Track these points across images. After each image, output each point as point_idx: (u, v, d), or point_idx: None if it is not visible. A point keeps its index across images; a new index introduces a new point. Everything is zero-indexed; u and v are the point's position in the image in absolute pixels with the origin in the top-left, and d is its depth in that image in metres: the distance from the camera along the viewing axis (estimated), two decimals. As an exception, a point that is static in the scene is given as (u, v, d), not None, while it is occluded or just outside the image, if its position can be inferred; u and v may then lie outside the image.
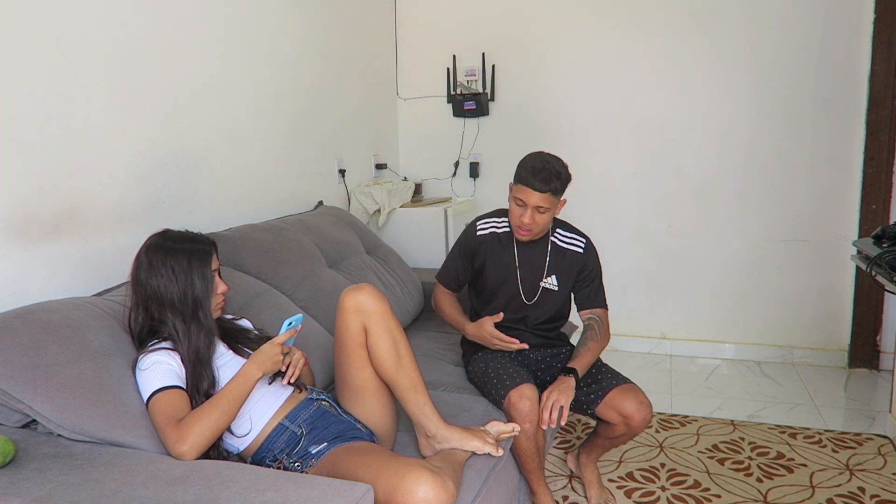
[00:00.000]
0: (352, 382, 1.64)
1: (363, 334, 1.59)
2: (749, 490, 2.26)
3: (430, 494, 1.27)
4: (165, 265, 1.49)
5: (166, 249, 1.51)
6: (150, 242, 1.54)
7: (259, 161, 2.65)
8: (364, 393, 1.63)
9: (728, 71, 3.36)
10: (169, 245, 1.52)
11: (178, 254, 1.51)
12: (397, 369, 1.60)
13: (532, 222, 1.98)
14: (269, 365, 1.49)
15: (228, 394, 1.43)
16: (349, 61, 3.34)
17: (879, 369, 3.32)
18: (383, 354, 1.59)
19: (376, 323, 1.59)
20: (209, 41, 2.33)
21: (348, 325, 1.59)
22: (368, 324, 1.59)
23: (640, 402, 1.95)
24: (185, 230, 1.60)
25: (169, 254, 1.51)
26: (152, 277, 1.50)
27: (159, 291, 1.49)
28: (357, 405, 1.64)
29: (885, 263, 2.00)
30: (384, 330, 1.59)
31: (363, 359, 1.61)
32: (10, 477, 1.23)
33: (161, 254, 1.51)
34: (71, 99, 1.78)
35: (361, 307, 1.58)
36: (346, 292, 1.61)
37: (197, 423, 1.35)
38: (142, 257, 1.52)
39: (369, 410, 1.64)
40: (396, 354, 1.60)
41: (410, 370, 1.62)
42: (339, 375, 1.67)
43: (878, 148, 3.17)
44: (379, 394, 1.64)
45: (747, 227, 3.46)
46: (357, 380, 1.63)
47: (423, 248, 3.29)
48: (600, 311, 2.13)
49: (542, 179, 1.92)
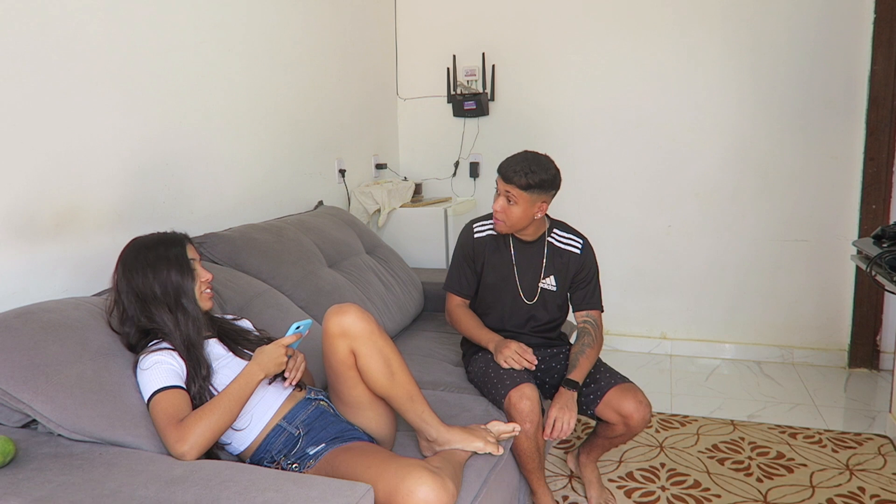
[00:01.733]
0: (346, 399, 1.62)
1: (352, 357, 1.55)
2: (749, 490, 2.26)
3: (430, 495, 1.27)
4: (140, 264, 1.51)
5: (137, 251, 1.54)
6: (123, 252, 1.56)
7: (259, 161, 2.65)
8: (360, 408, 1.62)
9: (728, 71, 3.36)
10: (140, 247, 1.55)
11: (149, 251, 1.53)
12: (392, 385, 1.57)
13: (502, 210, 1.98)
14: (272, 367, 1.49)
15: (230, 394, 1.43)
16: (349, 61, 3.34)
17: (879, 369, 3.32)
18: (375, 375, 1.56)
19: (364, 345, 1.54)
20: (209, 41, 2.33)
21: (335, 350, 1.55)
22: (356, 346, 1.54)
23: (639, 402, 1.95)
24: (154, 232, 1.61)
25: (141, 253, 1.53)
26: (132, 280, 1.51)
27: (141, 290, 1.50)
28: (353, 418, 1.63)
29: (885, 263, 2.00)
30: (373, 351, 1.55)
31: (354, 378, 1.58)
32: (10, 477, 1.23)
33: (134, 256, 1.53)
34: (71, 99, 1.78)
35: (347, 331, 1.53)
36: (330, 316, 1.56)
37: (198, 423, 1.35)
38: (118, 267, 1.54)
39: (367, 422, 1.62)
40: (389, 372, 1.56)
41: (405, 383, 1.59)
42: (333, 392, 1.65)
43: (878, 148, 3.17)
44: (374, 406, 1.62)
45: (747, 226, 3.46)
46: (351, 397, 1.61)
47: (423, 248, 3.29)
48: (595, 314, 2.13)
49: (512, 169, 1.94)
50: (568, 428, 1.87)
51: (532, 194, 1.95)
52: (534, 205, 1.98)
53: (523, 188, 1.93)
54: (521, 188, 1.93)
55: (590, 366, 2.02)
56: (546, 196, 1.99)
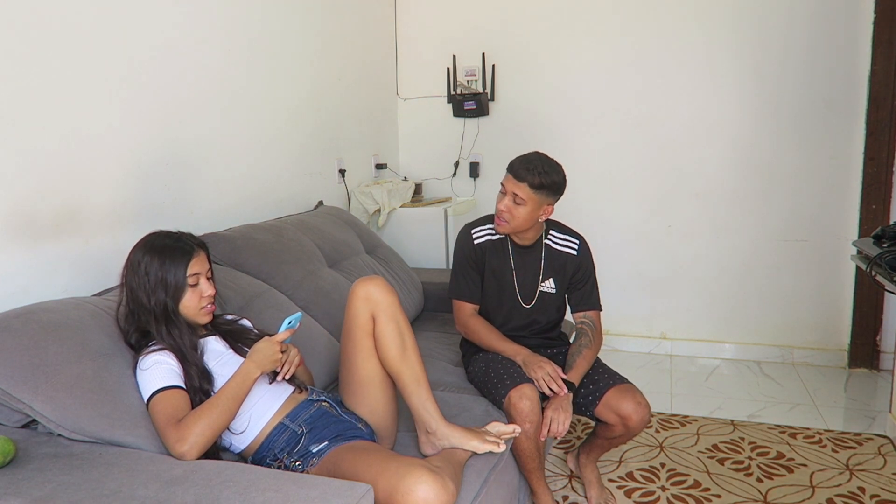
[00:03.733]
0: (357, 374, 1.65)
1: (371, 323, 1.63)
2: (749, 490, 2.26)
3: (429, 494, 1.27)
4: (142, 266, 1.50)
5: (147, 249, 1.52)
6: (138, 242, 1.55)
7: (259, 161, 2.65)
8: (369, 386, 1.65)
9: (728, 71, 3.36)
10: (150, 245, 1.53)
11: (154, 254, 1.51)
12: (402, 360, 1.62)
13: (507, 210, 1.98)
14: (267, 363, 1.50)
15: (227, 393, 1.43)
16: (349, 61, 3.34)
17: (879, 369, 3.32)
18: (389, 344, 1.62)
19: (384, 312, 1.62)
20: (209, 42, 2.33)
21: (357, 313, 1.63)
22: (376, 313, 1.62)
23: (638, 403, 1.94)
24: (177, 231, 1.59)
25: (147, 254, 1.51)
26: (132, 278, 1.51)
27: (136, 293, 1.50)
28: (360, 398, 1.65)
29: (885, 263, 2.00)
30: (391, 320, 1.62)
31: (370, 349, 1.64)
32: (10, 477, 1.23)
33: (141, 254, 1.52)
34: (71, 99, 1.78)
35: (371, 296, 1.62)
36: (358, 282, 1.66)
37: (196, 422, 1.36)
38: (129, 256, 1.53)
39: (372, 404, 1.65)
40: (402, 345, 1.63)
41: (415, 363, 1.64)
42: (345, 366, 1.69)
43: (878, 148, 3.17)
44: (383, 387, 1.66)
45: (747, 226, 3.46)
46: (362, 370, 1.64)
47: (423, 248, 3.29)
48: (593, 315, 2.13)
49: (525, 168, 1.94)
50: (563, 429, 1.86)
51: (540, 195, 1.95)
52: (540, 206, 1.98)
53: (534, 188, 1.93)
54: (533, 187, 1.93)
55: (587, 366, 2.02)
56: (552, 199, 1.99)
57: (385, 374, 1.66)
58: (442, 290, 2.78)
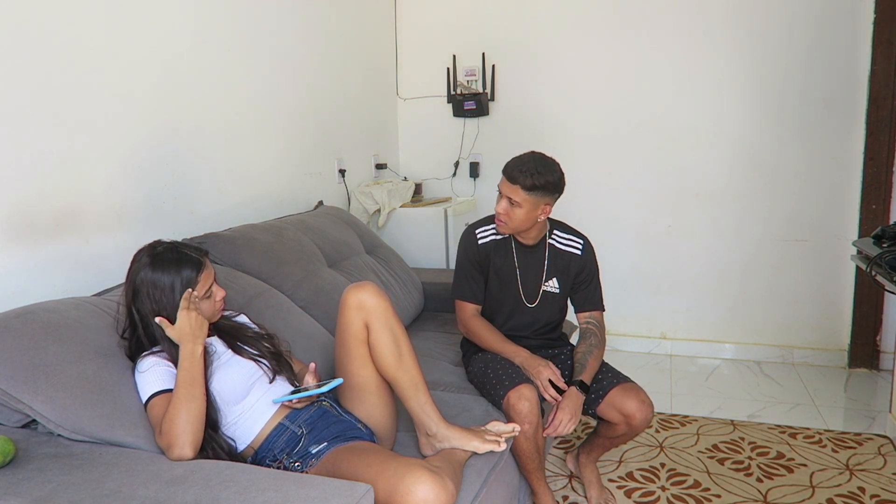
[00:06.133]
0: (353, 381, 1.64)
1: (365, 331, 1.60)
2: (749, 490, 2.26)
3: (429, 494, 1.27)
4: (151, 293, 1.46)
5: (153, 267, 1.47)
6: (138, 263, 1.49)
7: (259, 161, 2.65)
8: (365, 391, 1.64)
9: (728, 71, 3.36)
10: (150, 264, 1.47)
11: (157, 277, 1.46)
12: (398, 367, 1.60)
13: (504, 213, 1.97)
14: (198, 333, 1.44)
15: (185, 381, 1.39)
16: (349, 61, 3.34)
17: (879, 369, 3.32)
18: (385, 351, 1.60)
19: (378, 320, 1.59)
20: (210, 42, 2.33)
21: (350, 322, 1.60)
22: (370, 321, 1.59)
23: (642, 402, 1.95)
24: (176, 243, 1.54)
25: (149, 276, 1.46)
26: (142, 305, 1.47)
27: (146, 319, 1.47)
28: (358, 404, 1.65)
29: (885, 263, 2.00)
30: (385, 327, 1.60)
31: (364, 356, 1.61)
32: (10, 477, 1.23)
33: (141, 278, 1.47)
34: (71, 99, 1.78)
35: (363, 304, 1.59)
36: (349, 290, 1.62)
37: (174, 424, 1.33)
38: (132, 279, 1.48)
39: (370, 409, 1.64)
40: (398, 352, 1.60)
41: (412, 368, 1.62)
42: (341, 374, 1.67)
43: (878, 148, 3.17)
44: (380, 392, 1.64)
45: (747, 226, 3.46)
46: (358, 377, 1.63)
47: (423, 248, 3.29)
48: (597, 315, 2.13)
49: (518, 170, 1.92)
50: (566, 430, 1.87)
51: (536, 196, 1.93)
52: (537, 207, 1.97)
53: (528, 189, 1.92)
54: (526, 189, 1.92)
55: (597, 366, 2.02)
56: (550, 199, 1.98)
57: (381, 379, 1.64)
58: (442, 290, 2.79)
